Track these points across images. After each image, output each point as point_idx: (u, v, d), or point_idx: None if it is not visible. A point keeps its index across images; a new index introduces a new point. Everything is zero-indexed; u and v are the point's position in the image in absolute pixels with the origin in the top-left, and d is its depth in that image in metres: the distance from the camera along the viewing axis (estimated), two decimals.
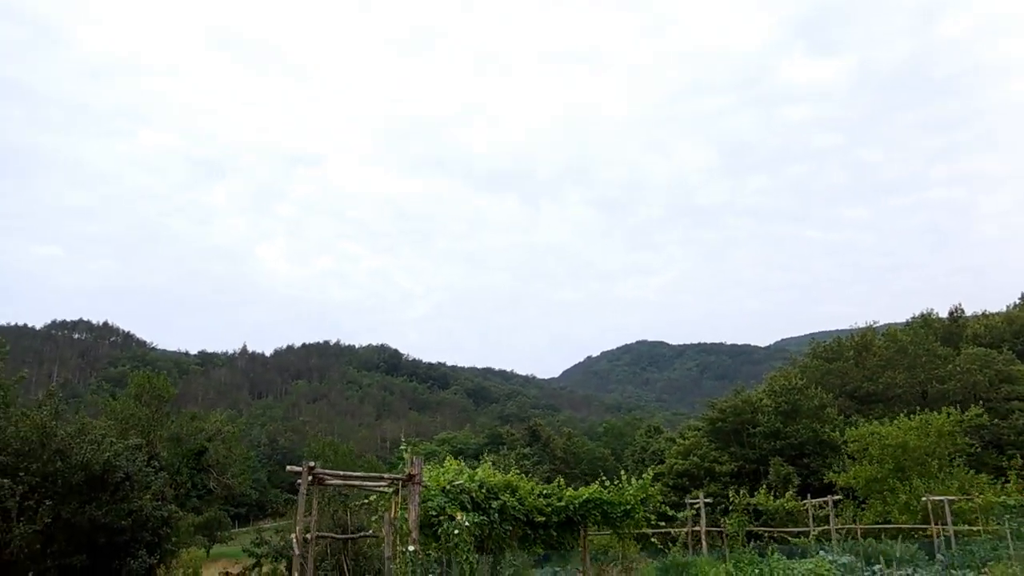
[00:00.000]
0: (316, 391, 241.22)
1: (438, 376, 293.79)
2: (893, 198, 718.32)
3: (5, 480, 23.30)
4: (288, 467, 12.70)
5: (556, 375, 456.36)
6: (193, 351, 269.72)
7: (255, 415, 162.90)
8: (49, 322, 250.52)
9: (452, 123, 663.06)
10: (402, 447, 14.71)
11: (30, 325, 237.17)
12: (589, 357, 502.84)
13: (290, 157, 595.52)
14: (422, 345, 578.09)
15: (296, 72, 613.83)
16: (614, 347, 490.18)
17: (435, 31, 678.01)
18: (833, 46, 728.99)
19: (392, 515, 13.26)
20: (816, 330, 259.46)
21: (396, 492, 13.43)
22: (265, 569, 33.77)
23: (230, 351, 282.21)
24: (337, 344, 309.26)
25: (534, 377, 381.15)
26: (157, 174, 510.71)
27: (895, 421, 31.80)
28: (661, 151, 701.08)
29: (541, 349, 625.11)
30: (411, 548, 11.01)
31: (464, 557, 12.29)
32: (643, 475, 22.41)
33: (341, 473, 14.04)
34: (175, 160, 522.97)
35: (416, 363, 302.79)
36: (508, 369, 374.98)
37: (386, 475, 13.02)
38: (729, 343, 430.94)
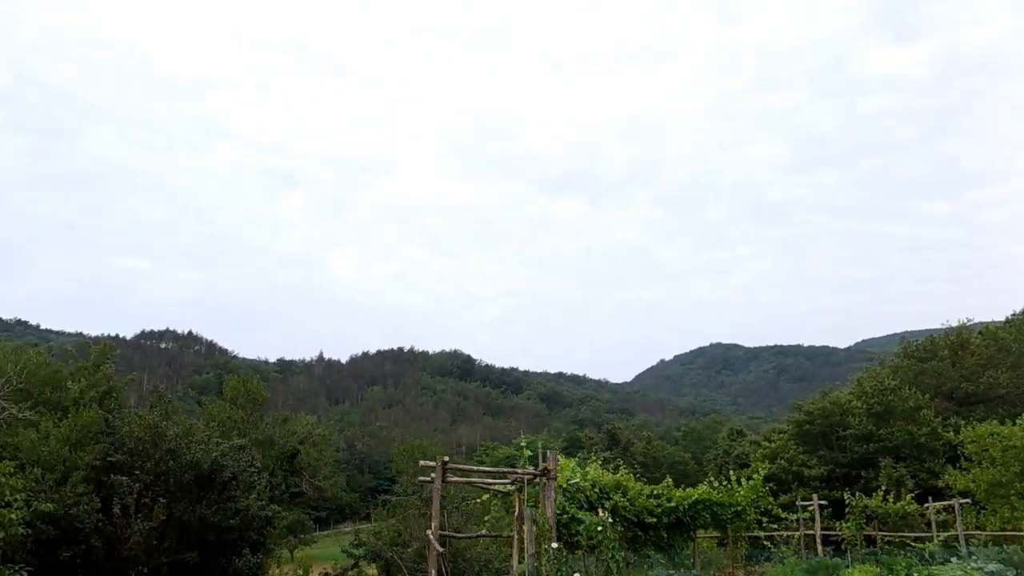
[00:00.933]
0: (391, 397, 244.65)
1: (511, 381, 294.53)
2: (976, 191, 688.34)
3: (124, 478, 24.17)
4: (421, 462, 12.68)
5: (628, 379, 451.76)
6: (272, 359, 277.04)
7: (333, 421, 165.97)
8: (139, 332, 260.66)
9: (517, 125, 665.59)
10: (521, 443, 14.55)
11: (122, 335, 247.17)
12: (662, 361, 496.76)
13: (359, 165, 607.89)
14: (493, 350, 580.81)
15: (361, 82, 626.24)
16: (687, 350, 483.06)
17: (498, 31, 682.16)
18: (913, 31, 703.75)
19: (516, 513, 13.09)
20: (899, 330, 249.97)
21: (520, 489, 13.26)
22: (370, 571, 34.22)
23: (307, 358, 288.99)
24: (411, 350, 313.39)
25: (607, 381, 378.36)
26: (233, 187, 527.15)
27: (1018, 421, 30.11)
28: (730, 148, 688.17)
29: (613, 353, 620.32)
30: (554, 546, 10.81)
31: (610, 555, 12.02)
32: (752, 476, 21.80)
33: (474, 468, 13.95)
34: (250, 172, 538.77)
35: (489, 368, 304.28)
36: (580, 373, 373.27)
37: (518, 470, 12.86)
38: (807, 344, 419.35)
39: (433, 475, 12.12)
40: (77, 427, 25.68)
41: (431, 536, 11.90)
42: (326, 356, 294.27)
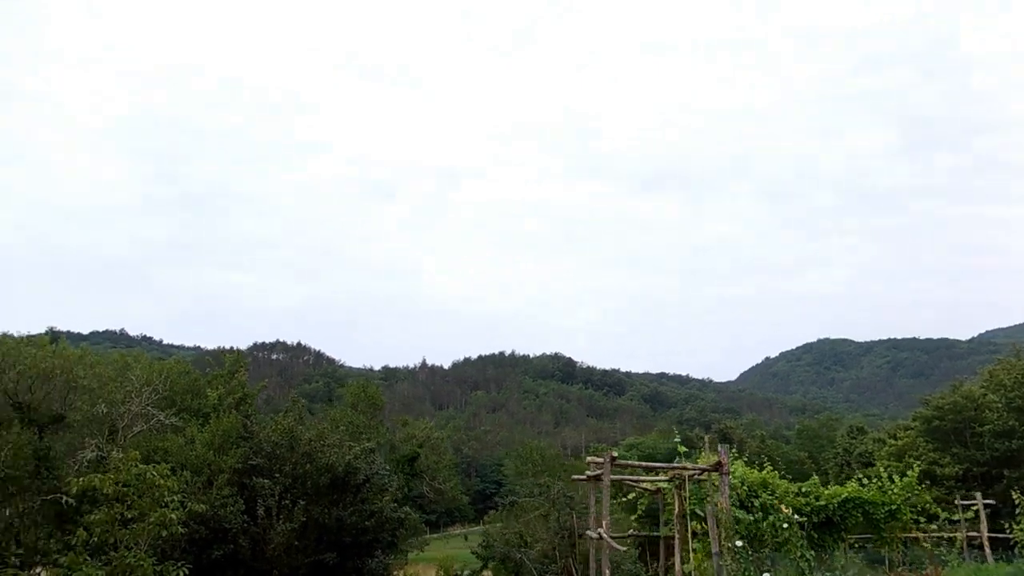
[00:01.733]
0: (494, 401, 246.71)
1: (613, 383, 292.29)
2: None
3: (265, 481, 25.05)
4: (589, 458, 12.52)
5: (733, 378, 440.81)
6: (377, 367, 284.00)
7: (439, 425, 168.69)
8: (251, 344, 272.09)
9: (607, 124, 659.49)
10: (676, 440, 14.19)
11: (236, 347, 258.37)
12: (767, 358, 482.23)
13: (451, 173, 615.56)
14: (594, 352, 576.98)
15: (445, 91, 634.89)
16: (793, 346, 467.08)
17: (584, 26, 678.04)
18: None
19: (678, 511, 12.73)
20: None
21: (680, 486, 12.89)
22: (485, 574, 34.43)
23: (411, 365, 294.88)
24: (512, 355, 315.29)
25: (710, 381, 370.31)
26: (333, 201, 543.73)
27: None
28: (833, 135, 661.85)
29: (716, 352, 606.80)
30: (739, 543, 10.43)
31: (799, 553, 11.52)
32: (907, 473, 20.61)
33: (641, 464, 13.69)
34: (348, 186, 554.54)
35: (590, 370, 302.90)
36: (683, 373, 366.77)
37: (689, 465, 12.50)
38: (923, 337, 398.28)
39: (588, 473, 11.88)
40: (219, 432, 26.84)
41: (604, 534, 11.65)
42: (429, 363, 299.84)
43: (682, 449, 13.66)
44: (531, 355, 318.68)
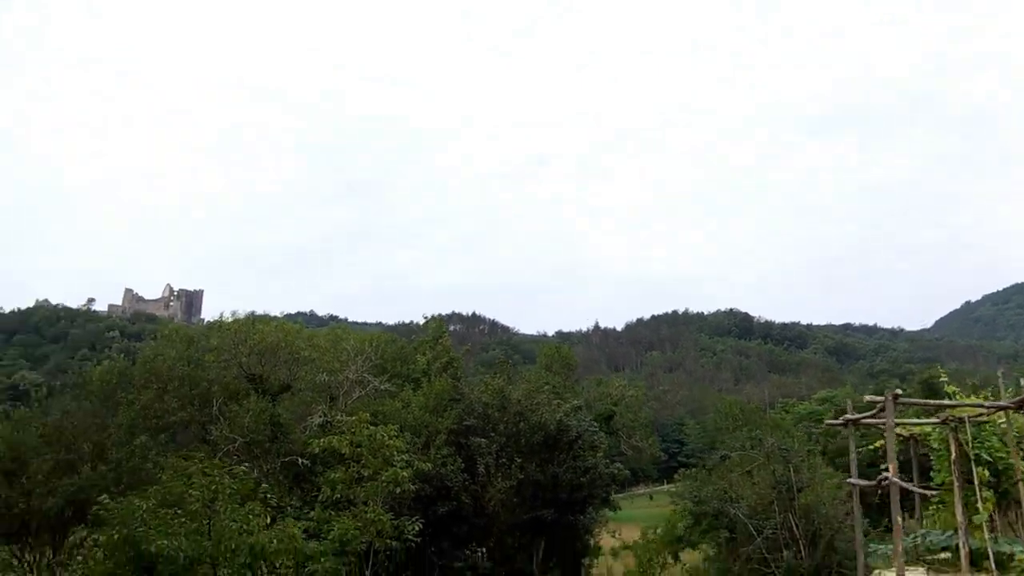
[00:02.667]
0: (670, 360, 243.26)
1: (793, 336, 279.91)
2: None
3: (482, 440, 25.72)
4: (867, 397, 11.64)
5: (928, 325, 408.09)
6: (550, 332, 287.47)
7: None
8: (428, 317, 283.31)
9: (776, 64, 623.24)
10: (940, 377, 12.92)
11: (415, 321, 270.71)
12: (967, 303, 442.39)
13: (608, 139, 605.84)
14: (772, 306, 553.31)
15: (598, 57, 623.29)
16: (999, 288, 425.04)
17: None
18: None
19: (955, 456, 11.56)
20: None
21: (955, 429, 11.68)
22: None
23: (584, 329, 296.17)
24: (686, 313, 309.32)
25: (901, 330, 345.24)
26: (489, 177, 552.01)
27: None
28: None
29: (905, 299, 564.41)
30: None
31: None
32: None
33: (929, 402, 12.63)
34: (507, 160, 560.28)
35: (769, 325, 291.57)
36: (870, 323, 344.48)
37: (985, 403, 11.32)
38: None
39: (846, 417, 10.96)
40: (432, 395, 27.86)
41: (891, 477, 10.74)
42: (602, 325, 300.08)
43: (951, 389, 12.36)
44: (705, 312, 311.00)
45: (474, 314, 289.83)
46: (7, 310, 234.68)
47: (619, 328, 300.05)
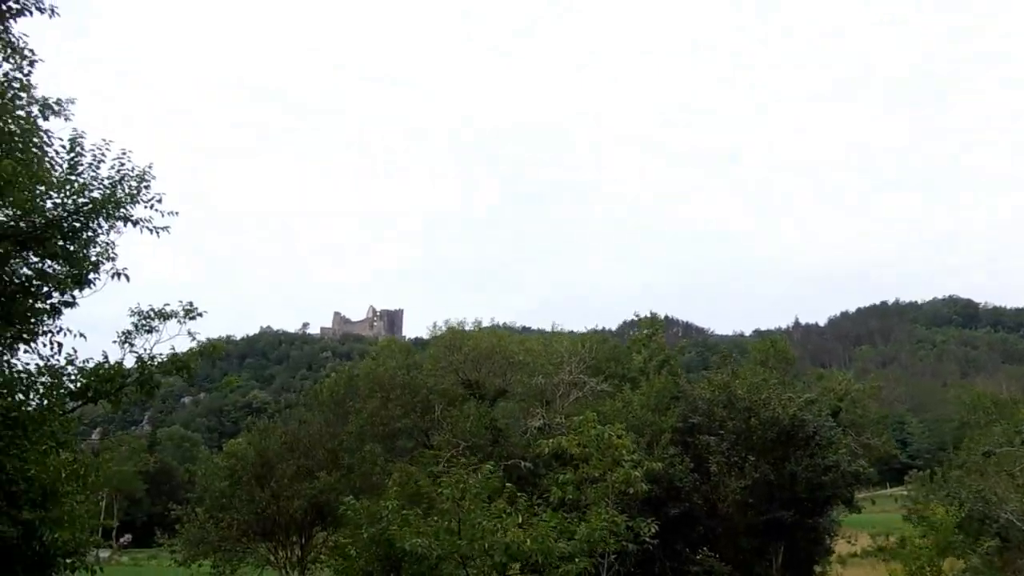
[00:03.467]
0: (883, 355, 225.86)
1: None
2: None
3: (711, 438, 24.44)
4: None
5: None
6: (747, 331, 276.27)
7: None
8: (620, 323, 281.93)
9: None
10: None
11: (608, 328, 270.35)
12: None
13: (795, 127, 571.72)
14: (999, 289, 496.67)
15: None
16: None
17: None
18: None
19: None
20: None
21: None
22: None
23: (783, 326, 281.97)
24: (896, 303, 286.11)
25: None
26: (656, 180, 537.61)
27: None
28: None
29: None
30: None
31: None
32: None
33: None
34: (665, 160, 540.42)
35: (998, 311, 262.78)
36: None
37: None
38: None
39: None
40: (653, 393, 26.95)
41: None
42: (802, 321, 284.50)
43: None
44: (919, 301, 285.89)
45: (667, 316, 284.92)
46: (238, 337, 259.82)
47: (821, 323, 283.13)
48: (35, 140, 12.54)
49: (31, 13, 13.20)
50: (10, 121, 11.25)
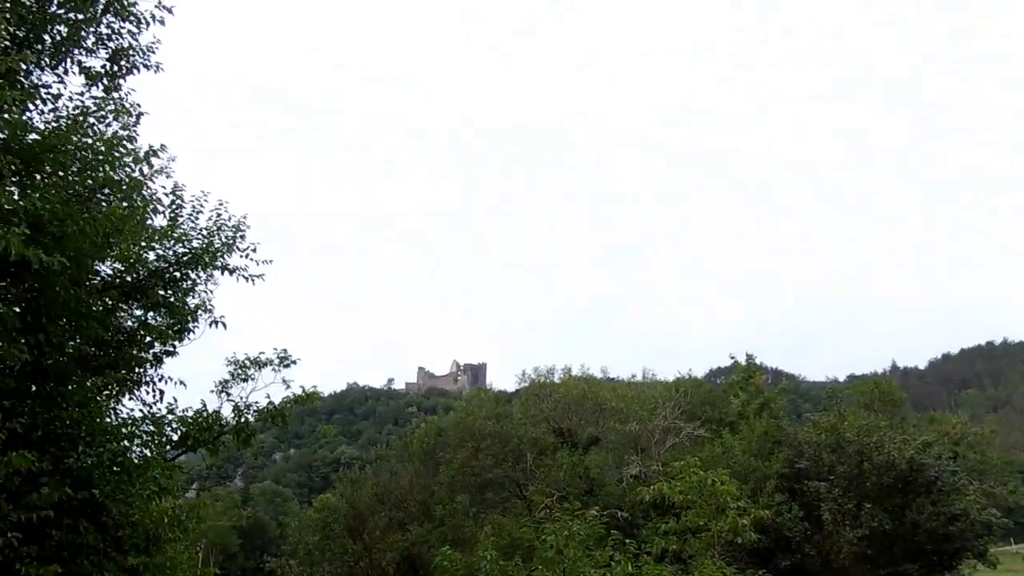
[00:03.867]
0: (993, 399, 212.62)
1: None
2: None
3: (820, 483, 22.99)
4: None
5: None
6: (841, 376, 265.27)
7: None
8: (707, 370, 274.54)
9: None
10: None
11: (692, 374, 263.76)
12: None
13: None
14: None
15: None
16: None
17: None
18: None
19: None
20: None
21: None
22: None
23: (879, 370, 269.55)
24: (1004, 343, 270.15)
25: None
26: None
27: None
28: None
29: None
30: None
31: None
32: None
33: None
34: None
35: None
36: None
37: None
38: None
39: None
40: (754, 438, 25.66)
41: None
42: (900, 364, 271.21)
43: None
44: None
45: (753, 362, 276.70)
46: (326, 394, 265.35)
47: (921, 366, 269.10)
48: (142, 193, 12.88)
49: (138, 71, 13.74)
50: (119, 170, 11.60)
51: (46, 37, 12.69)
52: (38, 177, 10.17)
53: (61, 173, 10.77)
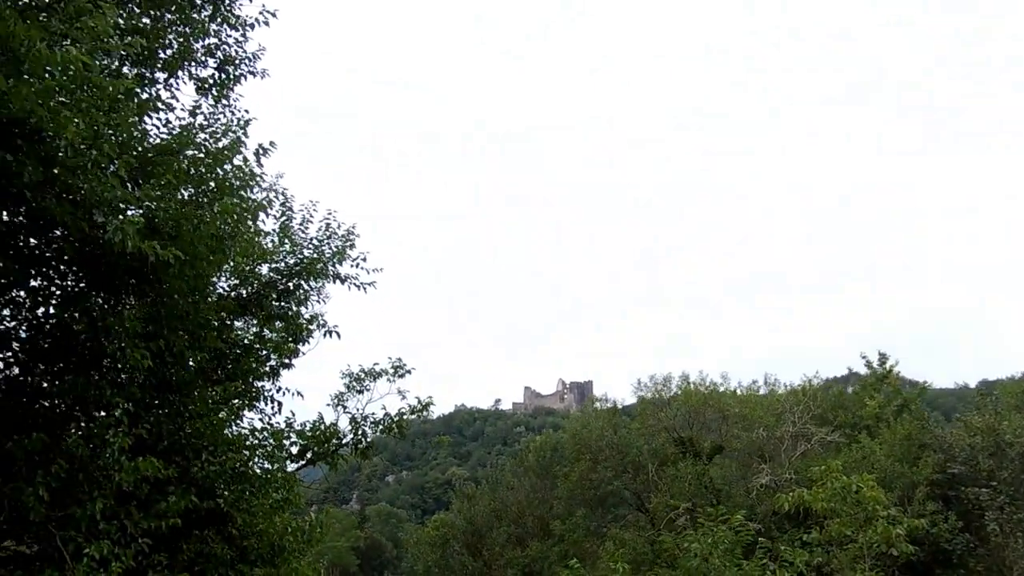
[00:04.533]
0: None
1: None
2: None
3: (983, 491, 20.82)
4: None
5: None
6: (972, 383, 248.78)
7: None
8: (828, 377, 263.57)
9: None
10: None
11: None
12: None
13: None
14: None
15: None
16: None
17: None
18: None
19: None
20: None
21: None
22: None
23: (1017, 374, 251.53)
24: None
25: None
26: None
27: None
28: None
29: None
30: None
31: None
32: None
33: None
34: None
35: None
36: None
37: None
38: None
39: None
40: (897, 441, 23.62)
41: None
42: None
43: None
44: None
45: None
46: (434, 416, 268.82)
47: None
48: (252, 190, 12.65)
49: (246, 79, 13.67)
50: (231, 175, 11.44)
51: (160, 53, 12.75)
52: (152, 181, 10.09)
53: (174, 179, 10.67)
